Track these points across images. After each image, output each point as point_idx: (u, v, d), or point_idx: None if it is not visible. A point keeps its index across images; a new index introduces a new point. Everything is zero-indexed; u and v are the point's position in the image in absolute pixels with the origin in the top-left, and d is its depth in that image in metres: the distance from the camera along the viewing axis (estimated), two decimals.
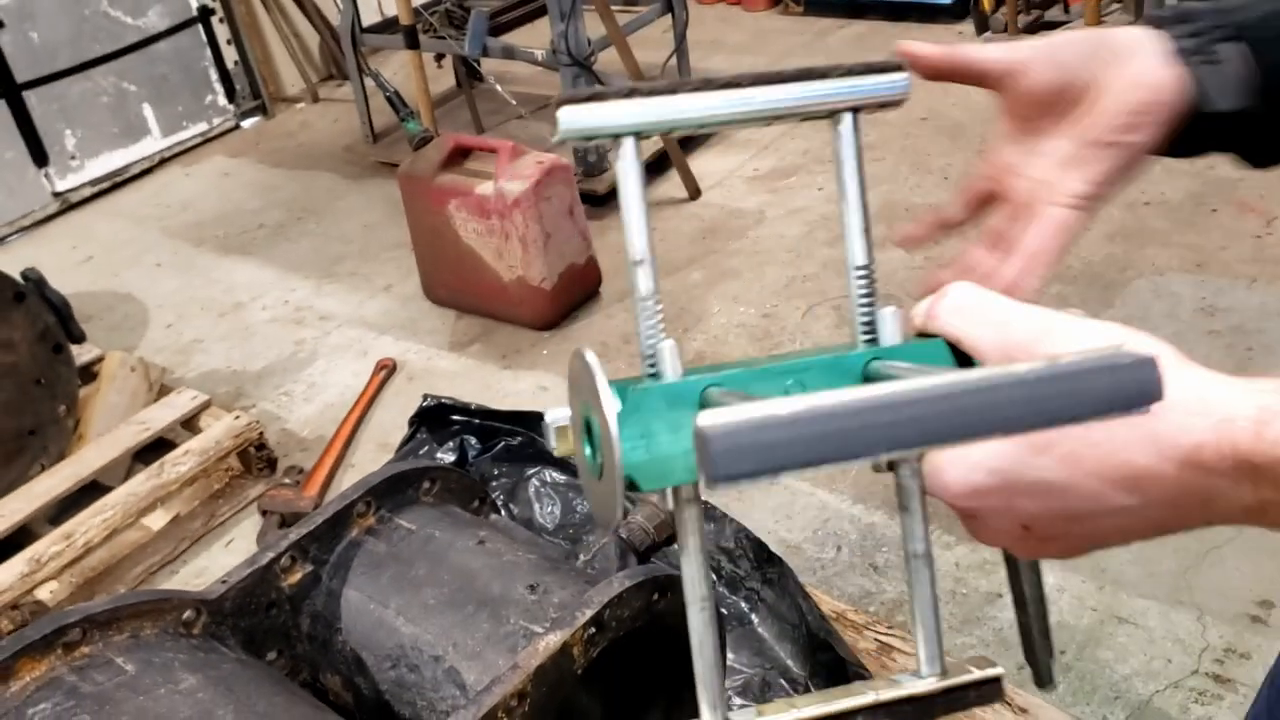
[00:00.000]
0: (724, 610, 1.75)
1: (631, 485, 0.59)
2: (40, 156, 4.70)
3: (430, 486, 1.63)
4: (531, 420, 2.24)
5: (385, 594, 1.45)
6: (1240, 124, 0.85)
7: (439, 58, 4.65)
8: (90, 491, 2.72)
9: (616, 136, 0.64)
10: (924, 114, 4.46)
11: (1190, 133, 0.85)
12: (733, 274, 3.56)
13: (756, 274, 3.54)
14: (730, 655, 1.66)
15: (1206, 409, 0.53)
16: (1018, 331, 0.60)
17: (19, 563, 2.48)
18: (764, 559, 1.82)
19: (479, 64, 4.69)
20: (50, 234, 4.64)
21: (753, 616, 1.78)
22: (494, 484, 2.18)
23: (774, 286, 3.46)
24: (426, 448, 2.32)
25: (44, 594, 2.50)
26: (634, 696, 1.54)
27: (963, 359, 0.63)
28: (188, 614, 1.39)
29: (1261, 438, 0.52)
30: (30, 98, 4.63)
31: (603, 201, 4.05)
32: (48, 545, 2.53)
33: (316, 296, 3.84)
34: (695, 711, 1.58)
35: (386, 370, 3.30)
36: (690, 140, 4.45)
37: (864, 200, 0.68)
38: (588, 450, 0.61)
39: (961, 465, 0.60)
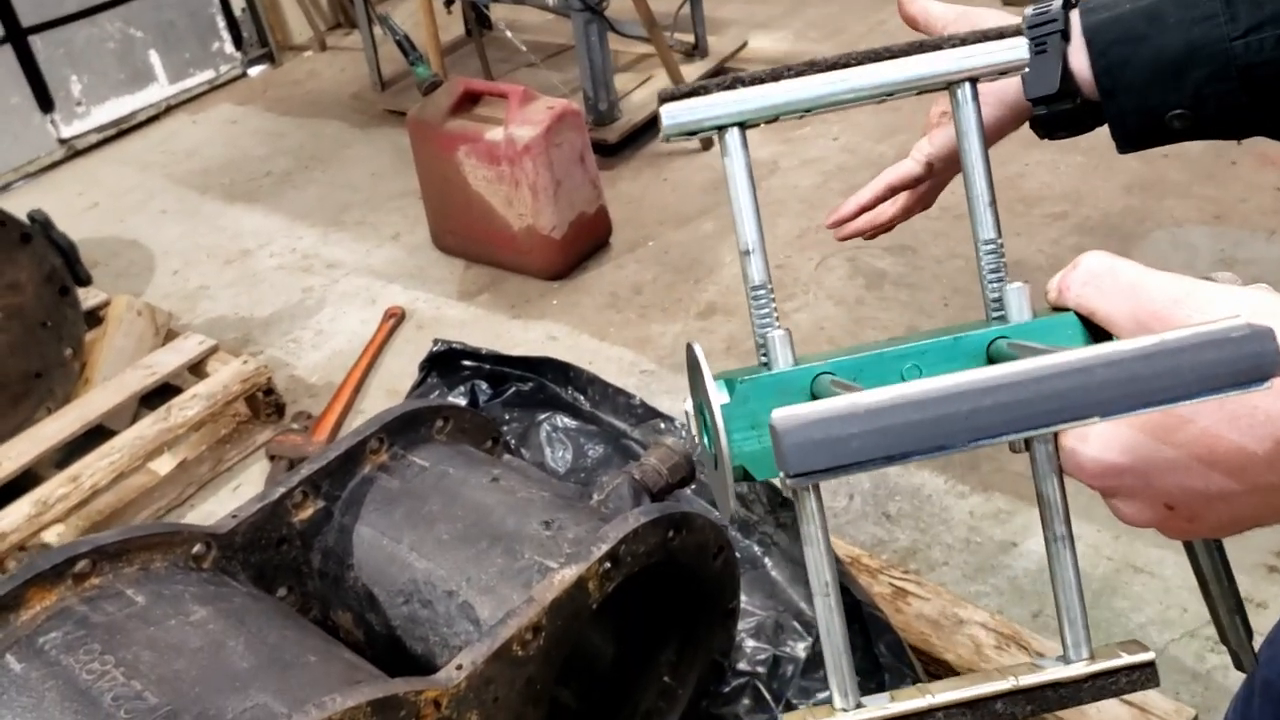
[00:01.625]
0: (737, 554, 1.73)
1: (746, 475, 0.60)
2: (46, 102, 4.66)
3: (444, 425, 1.61)
4: (542, 366, 2.21)
5: (398, 530, 1.43)
6: (1071, 108, 0.98)
7: (449, 3, 4.59)
8: (96, 436, 2.70)
9: (721, 129, 0.64)
10: None
11: (1038, 118, 1.01)
12: None
13: (769, 225, 3.50)
14: (744, 598, 1.65)
15: None
16: (1151, 299, 0.57)
17: (25, 505, 2.47)
18: (778, 503, 1.80)
19: (489, 10, 4.63)
20: (56, 180, 4.61)
21: (766, 560, 1.76)
22: (505, 429, 2.16)
23: (786, 237, 3.43)
24: (437, 392, 2.30)
25: (50, 536, 2.49)
26: (647, 635, 1.52)
27: (1097, 331, 0.61)
28: (198, 548, 1.38)
29: None
30: (36, 42, 4.58)
31: (614, 151, 4.01)
32: (54, 488, 2.51)
33: (324, 244, 3.81)
34: (707, 651, 1.57)
35: (395, 318, 3.28)
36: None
37: (988, 172, 0.66)
38: (705, 440, 0.61)
39: (1096, 444, 0.58)
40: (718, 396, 0.58)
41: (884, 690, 0.60)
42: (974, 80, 0.64)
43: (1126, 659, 0.60)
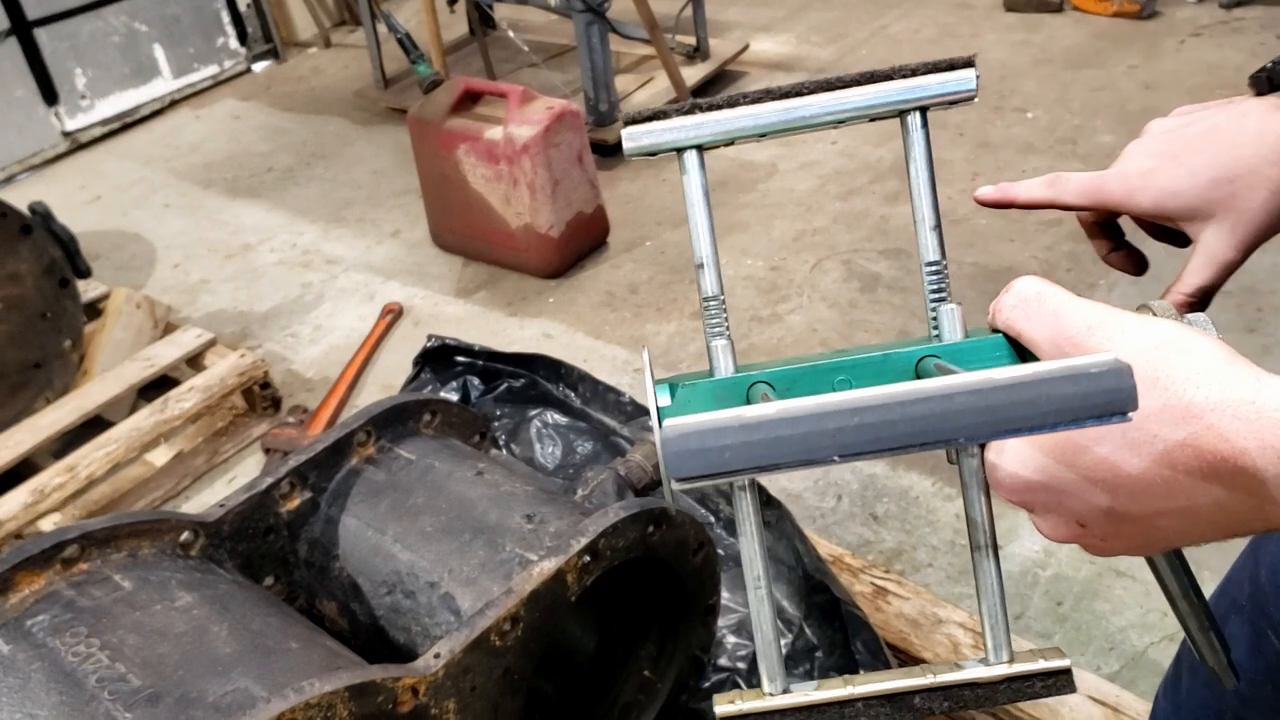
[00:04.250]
0: (721, 551, 1.75)
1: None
2: (50, 95, 4.69)
3: (431, 419, 1.63)
4: (535, 363, 2.23)
5: (383, 521, 1.45)
6: None
7: (452, 2, 4.62)
8: (94, 426, 2.73)
9: (680, 150, 0.67)
10: None
11: None
12: (741, 226, 3.55)
13: (765, 227, 3.52)
14: (726, 595, 1.67)
15: (1255, 413, 0.51)
16: (1069, 325, 0.59)
17: (22, 493, 2.50)
18: (762, 502, 1.82)
19: (492, 9, 4.66)
20: (59, 173, 4.64)
21: None
22: (496, 424, 2.18)
23: (782, 240, 3.45)
24: (430, 387, 2.32)
25: (46, 525, 2.52)
26: (627, 630, 1.54)
27: (1025, 353, 0.63)
28: (185, 535, 1.40)
29: None
30: (41, 35, 4.61)
31: (612, 151, 4.03)
32: (50, 477, 2.54)
33: (324, 240, 3.84)
34: (687, 646, 1.59)
35: (392, 314, 3.30)
36: (702, 92, 4.42)
37: (934, 197, 0.69)
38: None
39: (1013, 461, 0.60)
40: (657, 400, 0.62)
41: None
42: (923, 110, 0.68)
43: (1043, 664, 0.63)
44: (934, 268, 0.67)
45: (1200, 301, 0.82)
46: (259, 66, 5.42)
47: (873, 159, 3.85)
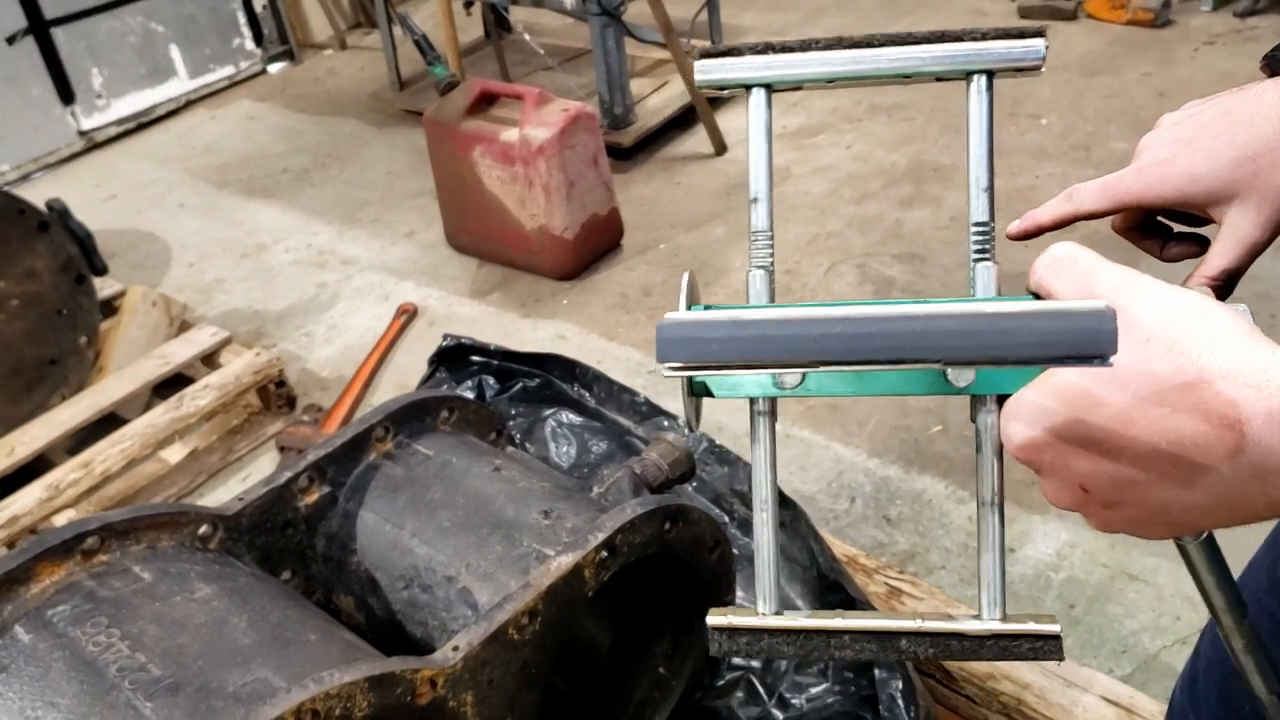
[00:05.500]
0: (736, 551, 1.75)
1: (707, 392, 0.66)
2: (67, 94, 4.71)
3: (449, 416, 1.64)
4: (549, 362, 2.24)
5: (401, 516, 1.46)
6: None
7: (468, 5, 4.63)
8: (109, 423, 2.74)
9: (748, 88, 0.69)
10: None
11: None
12: None
13: (779, 230, 3.53)
14: (740, 594, 1.67)
15: (1266, 381, 0.51)
16: (1096, 285, 0.59)
17: (37, 489, 2.51)
18: (778, 503, 1.82)
19: (508, 12, 4.67)
20: (75, 172, 4.66)
21: None
22: (511, 424, 2.19)
23: (797, 243, 3.45)
24: (445, 387, 2.33)
25: (61, 521, 2.53)
26: (642, 627, 1.55)
27: None
28: (204, 529, 1.41)
29: None
30: (58, 35, 4.63)
31: (628, 154, 4.04)
32: (66, 473, 2.55)
33: (339, 241, 3.85)
34: (702, 644, 1.59)
35: (407, 315, 3.31)
36: (718, 97, 4.43)
37: (990, 160, 0.69)
38: None
39: (1024, 418, 0.60)
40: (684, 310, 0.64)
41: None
42: (990, 73, 0.68)
43: (1033, 627, 0.63)
44: (981, 228, 0.69)
45: (1226, 285, 0.82)
46: (274, 68, 5.44)
47: (887, 163, 3.85)
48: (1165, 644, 1.99)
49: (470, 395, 2.29)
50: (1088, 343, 0.47)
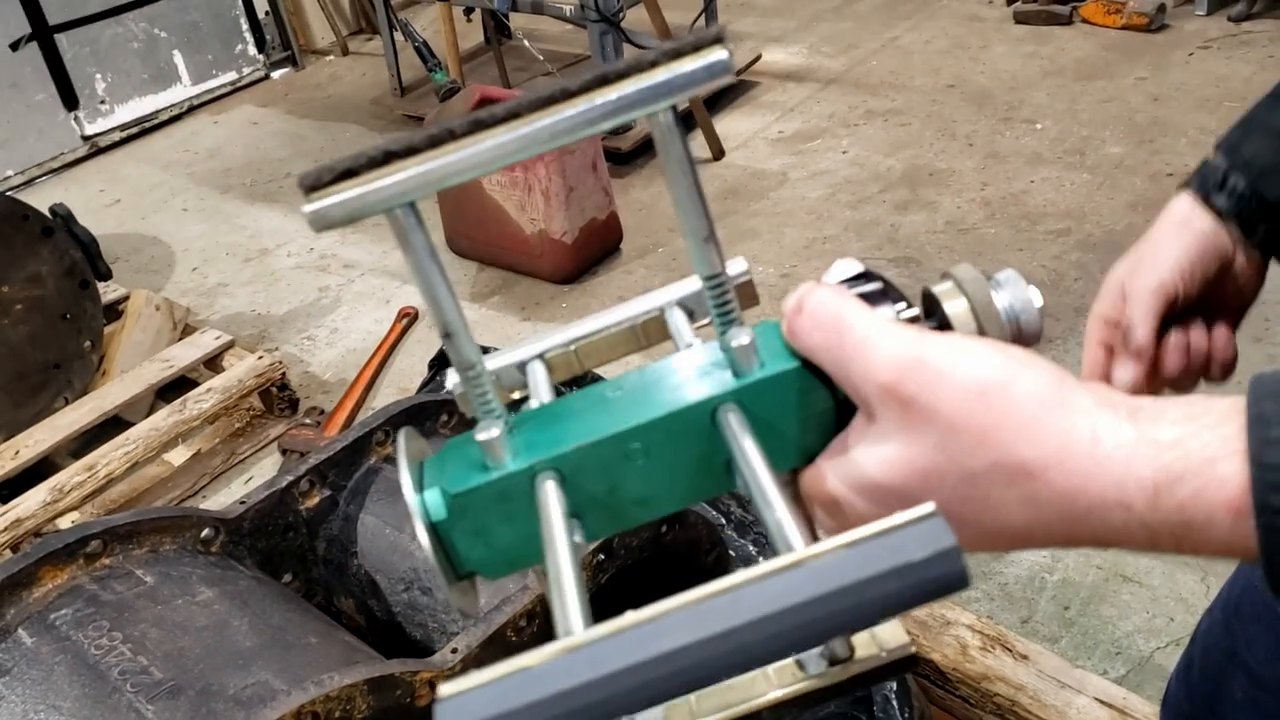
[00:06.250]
0: (733, 553, 1.77)
1: (478, 572, 0.56)
2: (70, 100, 4.74)
3: (449, 419, 1.66)
4: None
5: (401, 519, 1.48)
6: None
7: (468, 12, 4.66)
8: (112, 426, 2.76)
9: (387, 212, 0.51)
10: (950, 81, 4.45)
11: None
12: (752, 234, 3.57)
13: (776, 235, 3.55)
14: None
15: (1094, 464, 0.46)
16: (872, 357, 0.50)
17: (41, 492, 2.53)
18: None
19: (508, 19, 4.69)
20: (79, 177, 4.68)
21: (760, 559, 1.80)
22: None
23: (793, 247, 3.47)
24: (445, 390, 2.35)
25: (65, 524, 2.55)
26: None
27: (829, 381, 0.54)
28: (206, 532, 1.43)
29: (1157, 507, 0.45)
30: (62, 40, 4.66)
31: (626, 159, 4.06)
32: (70, 476, 2.57)
33: (341, 246, 3.87)
34: None
35: (408, 318, 3.33)
36: (715, 101, 4.45)
37: (702, 203, 0.54)
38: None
39: (824, 507, 0.55)
40: (427, 515, 0.53)
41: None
42: (674, 105, 0.52)
43: (885, 658, 0.56)
44: (714, 281, 0.55)
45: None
46: (277, 73, 5.47)
47: (883, 168, 3.87)
48: (1159, 645, 2.01)
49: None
50: (943, 588, 0.41)
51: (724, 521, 1.88)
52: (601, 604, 1.38)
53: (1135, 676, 1.96)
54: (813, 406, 0.55)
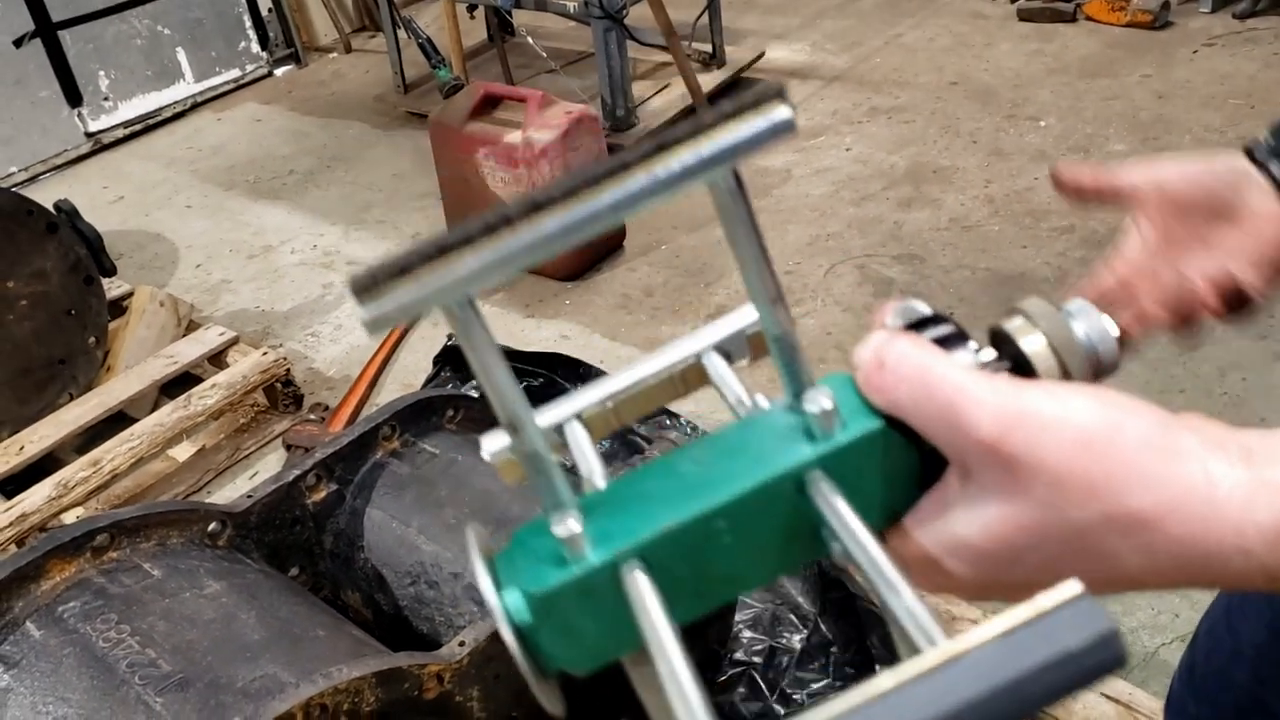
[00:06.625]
0: None
1: (566, 669, 0.54)
2: (74, 96, 4.74)
3: (454, 415, 1.66)
4: (553, 361, 2.27)
5: (407, 513, 1.48)
6: None
7: (471, 8, 4.66)
8: (117, 422, 2.77)
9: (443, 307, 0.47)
10: (954, 78, 4.45)
11: None
12: None
13: (779, 232, 3.55)
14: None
15: (1212, 513, 0.45)
16: (970, 417, 0.48)
17: (46, 487, 2.53)
18: None
19: (511, 15, 4.69)
20: (82, 173, 4.69)
21: None
22: None
23: (797, 245, 3.47)
24: (450, 386, 2.35)
25: (70, 519, 2.55)
26: None
27: (919, 440, 0.52)
28: (213, 525, 1.43)
29: (1278, 551, 0.44)
30: (65, 37, 4.66)
31: None
32: (74, 472, 2.57)
33: (345, 242, 3.87)
34: (704, 640, 1.60)
35: None
36: (718, 97, 4.45)
37: (767, 261, 0.51)
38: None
39: (918, 572, 0.52)
40: (511, 619, 0.50)
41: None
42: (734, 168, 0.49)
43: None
44: (783, 344, 0.52)
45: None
46: (280, 70, 5.46)
47: (886, 165, 3.87)
48: (1164, 641, 2.01)
49: (475, 394, 2.32)
50: (1104, 673, 0.39)
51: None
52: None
53: (1140, 672, 1.97)
54: (899, 464, 0.52)
